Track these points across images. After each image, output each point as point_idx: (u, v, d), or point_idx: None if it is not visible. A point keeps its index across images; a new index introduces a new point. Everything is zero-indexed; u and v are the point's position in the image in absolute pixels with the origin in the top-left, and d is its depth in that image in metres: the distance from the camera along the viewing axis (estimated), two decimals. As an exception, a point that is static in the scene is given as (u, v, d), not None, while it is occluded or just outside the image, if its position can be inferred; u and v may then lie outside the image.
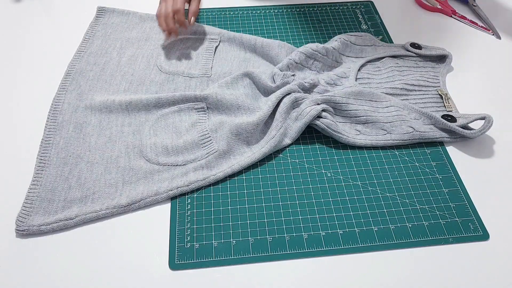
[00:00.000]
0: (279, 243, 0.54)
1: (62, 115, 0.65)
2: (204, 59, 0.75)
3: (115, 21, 0.82)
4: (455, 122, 0.64)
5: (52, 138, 0.62)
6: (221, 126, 0.63)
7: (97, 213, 0.55)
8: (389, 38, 0.81)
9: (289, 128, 0.64)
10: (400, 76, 0.73)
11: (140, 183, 0.58)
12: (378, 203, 0.58)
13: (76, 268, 0.51)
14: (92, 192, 0.57)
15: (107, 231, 0.54)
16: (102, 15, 0.83)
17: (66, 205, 0.56)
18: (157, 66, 0.74)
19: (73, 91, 0.69)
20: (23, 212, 0.54)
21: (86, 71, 0.72)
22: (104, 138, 0.63)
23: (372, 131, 0.64)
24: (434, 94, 0.71)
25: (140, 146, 0.62)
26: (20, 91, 0.71)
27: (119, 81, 0.71)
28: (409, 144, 0.64)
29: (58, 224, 0.54)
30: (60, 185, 0.57)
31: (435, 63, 0.76)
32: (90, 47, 0.76)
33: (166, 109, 0.66)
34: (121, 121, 0.65)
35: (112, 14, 0.83)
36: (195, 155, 0.60)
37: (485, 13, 0.87)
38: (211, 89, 0.67)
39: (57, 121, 0.65)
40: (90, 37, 0.78)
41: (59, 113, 0.66)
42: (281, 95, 0.64)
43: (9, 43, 0.79)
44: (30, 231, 0.53)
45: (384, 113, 0.65)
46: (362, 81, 0.72)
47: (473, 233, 0.55)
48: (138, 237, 0.54)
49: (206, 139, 0.62)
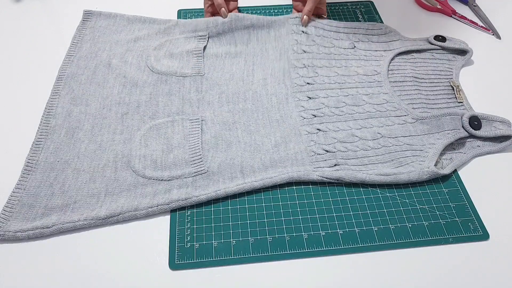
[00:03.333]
0: (279, 243, 0.54)
1: (55, 119, 0.64)
2: (195, 57, 0.75)
3: (103, 24, 0.81)
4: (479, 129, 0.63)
5: (43, 142, 0.61)
6: (215, 147, 0.62)
7: (75, 224, 0.53)
8: (389, 38, 0.81)
9: (291, 176, 0.60)
10: (412, 66, 0.74)
11: (122, 195, 0.56)
12: (378, 203, 0.58)
13: (76, 268, 0.51)
14: (74, 201, 0.56)
15: (107, 231, 0.54)
16: (89, 19, 0.81)
17: (46, 212, 0.54)
18: (149, 67, 0.73)
19: (67, 96, 0.68)
20: (2, 217, 0.53)
21: (77, 75, 0.71)
22: (95, 145, 0.62)
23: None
24: (446, 85, 0.71)
25: (129, 156, 0.60)
26: (19, 91, 0.71)
27: (112, 84, 0.70)
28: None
29: (34, 232, 0.52)
30: (43, 191, 0.56)
31: (452, 56, 0.77)
32: (79, 51, 0.75)
33: (160, 119, 0.65)
34: (113, 128, 0.64)
35: (99, 17, 0.82)
36: (183, 171, 0.59)
37: (485, 13, 0.87)
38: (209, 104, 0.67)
39: (49, 125, 0.64)
40: (78, 41, 0.77)
41: (52, 117, 0.65)
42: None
43: (9, 43, 0.79)
44: (6, 237, 0.52)
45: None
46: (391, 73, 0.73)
47: (473, 233, 0.55)
48: (138, 237, 0.54)
49: (197, 158, 0.60)
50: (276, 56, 0.75)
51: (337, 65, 0.74)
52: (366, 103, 0.68)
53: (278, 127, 0.65)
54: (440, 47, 0.77)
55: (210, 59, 0.75)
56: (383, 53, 0.76)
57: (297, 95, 0.69)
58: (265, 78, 0.72)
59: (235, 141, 0.63)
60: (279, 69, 0.73)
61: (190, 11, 0.87)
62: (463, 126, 0.63)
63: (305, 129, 0.64)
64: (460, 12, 0.87)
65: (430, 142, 0.62)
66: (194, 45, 0.77)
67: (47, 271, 0.51)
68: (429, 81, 0.72)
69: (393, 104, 0.67)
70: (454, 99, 0.70)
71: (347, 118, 0.66)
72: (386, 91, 0.69)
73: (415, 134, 0.64)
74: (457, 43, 0.77)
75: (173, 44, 0.77)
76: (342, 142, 0.62)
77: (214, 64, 0.74)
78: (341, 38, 0.77)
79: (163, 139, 0.62)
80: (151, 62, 0.74)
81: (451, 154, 0.63)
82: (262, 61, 0.75)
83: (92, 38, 0.78)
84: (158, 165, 0.59)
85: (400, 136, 0.63)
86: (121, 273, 0.51)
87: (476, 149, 0.63)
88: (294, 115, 0.66)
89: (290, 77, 0.72)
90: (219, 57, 0.76)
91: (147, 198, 0.56)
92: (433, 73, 0.74)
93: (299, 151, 0.62)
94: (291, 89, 0.70)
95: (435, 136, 0.63)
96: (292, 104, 0.68)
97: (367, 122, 0.65)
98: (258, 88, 0.70)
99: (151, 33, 0.79)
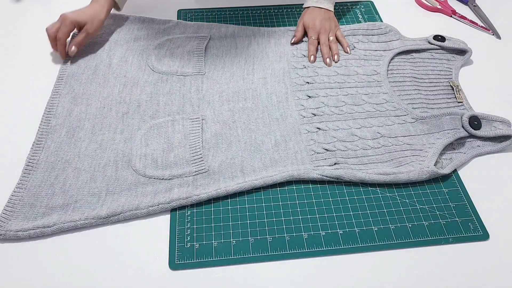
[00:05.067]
0: (279, 243, 0.54)
1: (56, 118, 0.64)
2: (196, 56, 0.75)
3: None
4: (479, 129, 0.63)
5: (44, 142, 0.61)
6: (216, 146, 0.62)
7: (75, 223, 0.53)
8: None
9: (291, 175, 0.59)
10: (412, 66, 0.74)
11: (123, 195, 0.56)
12: (378, 203, 0.58)
13: (77, 267, 0.51)
14: (74, 200, 0.56)
15: (107, 231, 0.54)
16: None
17: (47, 211, 0.54)
18: (149, 66, 0.73)
19: (67, 95, 0.68)
20: (3, 216, 0.54)
21: (78, 74, 0.71)
22: (95, 145, 0.62)
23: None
24: (445, 85, 0.72)
25: (130, 155, 0.61)
26: (20, 90, 0.71)
27: (113, 83, 0.70)
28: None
29: (35, 231, 0.53)
30: (44, 190, 0.56)
31: (451, 55, 0.77)
32: (79, 50, 0.75)
33: (161, 118, 0.65)
34: (114, 127, 0.64)
35: None
36: (183, 170, 0.59)
37: (485, 13, 0.87)
38: (209, 103, 0.67)
39: (50, 124, 0.64)
40: None
41: (53, 116, 0.65)
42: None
43: (9, 43, 0.79)
44: (7, 236, 0.52)
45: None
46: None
47: (473, 233, 0.55)
48: (138, 237, 0.54)
49: (197, 157, 0.60)
50: (276, 59, 0.76)
51: (337, 65, 0.74)
52: (366, 103, 0.68)
53: (278, 125, 0.65)
54: (439, 47, 0.77)
55: (211, 58, 0.75)
56: (383, 53, 0.76)
57: (297, 94, 0.69)
58: (265, 77, 0.72)
59: (235, 140, 0.63)
60: (279, 69, 0.73)
61: (190, 11, 0.87)
62: (463, 126, 0.63)
63: (305, 128, 0.64)
64: (460, 12, 0.87)
65: (430, 142, 0.62)
66: (195, 44, 0.77)
67: (48, 270, 0.51)
68: (429, 81, 0.72)
69: (393, 103, 0.67)
70: (453, 99, 0.70)
71: (347, 117, 0.66)
72: (386, 90, 0.69)
73: (415, 134, 0.64)
74: (456, 43, 0.77)
75: (174, 43, 0.77)
76: (342, 141, 0.62)
77: (215, 63, 0.75)
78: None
79: (164, 138, 0.62)
80: (152, 61, 0.74)
81: (451, 154, 0.63)
82: (262, 61, 0.75)
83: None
84: (159, 164, 0.59)
85: (400, 135, 0.63)
86: (121, 272, 0.51)
87: (476, 149, 0.63)
88: (294, 114, 0.66)
89: (290, 76, 0.72)
90: (220, 56, 0.76)
91: (148, 197, 0.56)
92: (433, 73, 0.74)
93: (299, 150, 0.62)
94: (291, 88, 0.70)
95: (435, 136, 0.63)
96: (292, 103, 0.68)
97: (366, 121, 0.65)
98: (258, 87, 0.71)
99: (150, 33, 0.79)
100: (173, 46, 0.77)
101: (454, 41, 0.78)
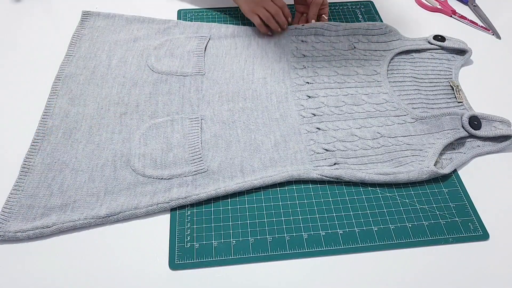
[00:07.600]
0: (279, 243, 0.54)
1: (53, 119, 0.64)
2: (195, 57, 0.75)
3: (101, 24, 0.80)
4: (479, 129, 0.63)
5: (40, 143, 0.61)
6: (215, 146, 0.62)
7: (75, 223, 0.54)
8: (389, 38, 0.81)
9: (291, 175, 0.59)
10: (411, 66, 0.75)
11: (122, 194, 0.56)
12: (378, 203, 0.58)
13: (76, 267, 0.51)
14: (73, 201, 0.56)
15: (107, 231, 0.54)
16: (87, 19, 0.81)
17: (45, 212, 0.54)
18: (149, 66, 0.73)
19: (65, 96, 0.68)
20: (1, 217, 0.54)
21: (76, 75, 0.71)
22: (93, 145, 0.61)
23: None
24: (445, 85, 0.72)
25: (128, 155, 0.60)
26: (18, 90, 0.71)
27: (111, 84, 0.70)
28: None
29: (34, 232, 0.53)
30: (41, 191, 0.56)
31: (451, 55, 0.77)
32: (78, 51, 0.75)
33: (160, 118, 0.65)
34: (112, 128, 0.64)
35: (97, 17, 0.81)
36: (183, 170, 0.59)
37: (485, 13, 0.87)
38: (209, 103, 0.67)
39: (46, 125, 0.63)
40: (77, 41, 0.77)
41: (50, 117, 0.64)
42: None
43: (8, 43, 0.79)
44: (6, 237, 0.52)
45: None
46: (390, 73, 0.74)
47: (473, 233, 0.55)
48: (138, 237, 0.54)
49: (197, 157, 0.60)
50: (276, 59, 0.76)
51: (337, 65, 0.74)
52: (366, 103, 0.68)
53: (278, 126, 0.65)
54: (439, 47, 0.77)
55: (211, 58, 0.75)
56: (383, 53, 0.76)
57: (297, 94, 0.69)
58: (265, 77, 0.72)
59: (234, 140, 0.63)
60: (279, 69, 0.73)
61: (190, 11, 0.87)
62: (463, 126, 0.63)
63: (305, 128, 0.64)
64: (460, 12, 0.87)
65: (429, 142, 0.62)
66: (195, 44, 0.77)
67: (47, 271, 0.51)
68: (429, 81, 0.72)
69: (393, 103, 0.67)
70: (453, 99, 0.70)
71: (347, 118, 0.66)
72: (386, 90, 0.69)
73: (415, 134, 0.64)
74: (456, 43, 0.77)
75: (174, 43, 0.77)
76: (342, 141, 0.62)
77: (215, 63, 0.75)
78: (340, 41, 0.78)
79: (163, 138, 0.62)
80: (152, 61, 0.74)
81: (451, 154, 0.63)
82: (262, 61, 0.75)
83: (91, 38, 0.78)
84: (158, 164, 0.59)
85: (400, 135, 0.63)
86: (121, 272, 0.51)
87: (476, 149, 0.63)
88: (293, 114, 0.66)
89: (290, 76, 0.72)
90: (220, 56, 0.76)
91: (147, 197, 0.56)
92: (433, 73, 0.74)
93: (298, 150, 0.62)
94: (291, 88, 0.70)
95: (435, 136, 0.63)
96: (291, 103, 0.68)
97: (366, 121, 0.65)
98: (258, 87, 0.71)
99: (150, 33, 0.79)
100: (173, 46, 0.77)
101: (454, 41, 0.78)
